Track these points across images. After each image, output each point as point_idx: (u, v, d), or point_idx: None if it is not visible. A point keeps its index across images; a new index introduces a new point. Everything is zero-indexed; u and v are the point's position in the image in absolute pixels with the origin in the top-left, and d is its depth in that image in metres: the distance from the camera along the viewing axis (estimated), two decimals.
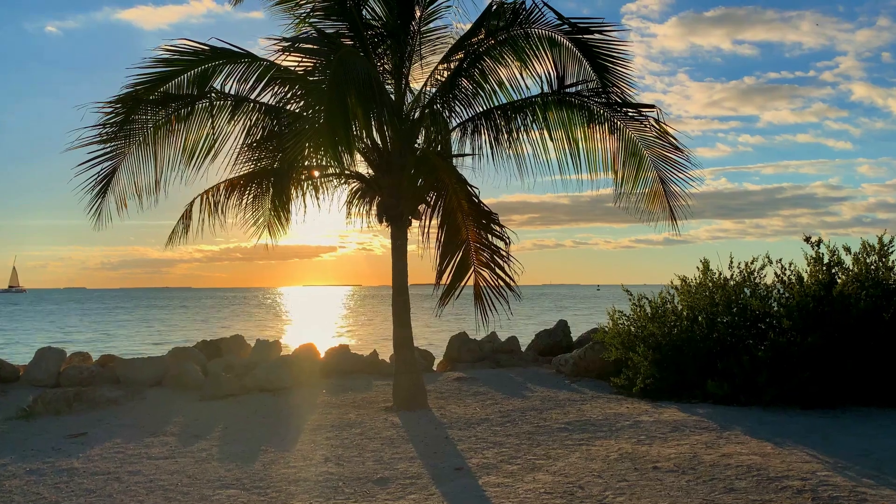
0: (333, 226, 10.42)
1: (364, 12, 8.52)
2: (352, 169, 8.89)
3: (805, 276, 8.79)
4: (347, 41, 8.27)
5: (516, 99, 8.58)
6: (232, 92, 7.91)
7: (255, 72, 7.41)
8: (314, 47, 7.70)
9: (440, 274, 8.40)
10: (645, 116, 8.03)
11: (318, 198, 9.31)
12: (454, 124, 8.74)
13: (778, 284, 9.03)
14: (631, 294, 10.21)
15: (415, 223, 8.75)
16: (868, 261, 8.69)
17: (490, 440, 6.82)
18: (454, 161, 8.72)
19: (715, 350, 8.69)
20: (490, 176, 8.80)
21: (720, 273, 9.42)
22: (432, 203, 8.70)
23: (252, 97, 8.01)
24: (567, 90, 8.24)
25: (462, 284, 8.41)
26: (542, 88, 8.36)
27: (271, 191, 9.12)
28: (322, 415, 8.15)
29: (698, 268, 9.69)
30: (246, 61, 7.48)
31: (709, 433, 6.81)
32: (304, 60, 7.49)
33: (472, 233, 8.22)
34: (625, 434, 6.90)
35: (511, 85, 8.50)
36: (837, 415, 7.63)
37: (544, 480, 5.41)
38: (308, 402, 8.91)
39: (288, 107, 8.04)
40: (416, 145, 8.61)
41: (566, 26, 7.74)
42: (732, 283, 9.20)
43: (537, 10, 7.77)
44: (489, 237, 8.27)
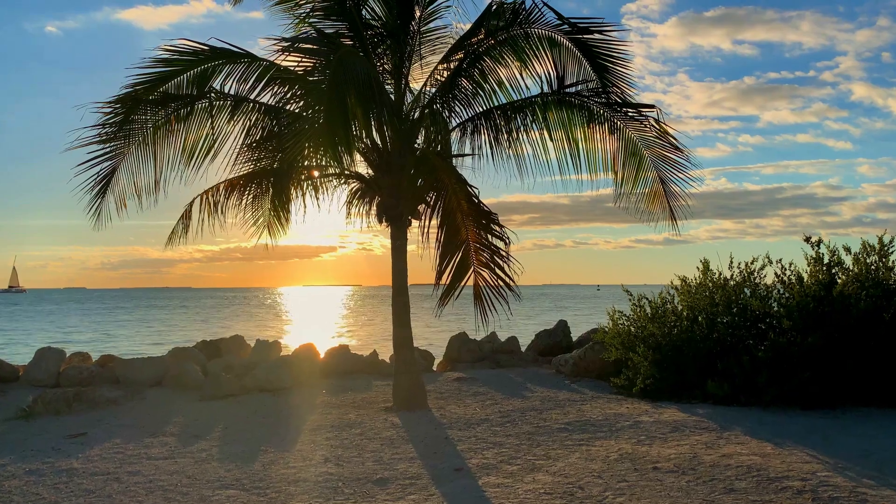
0: (333, 226, 10.41)
1: (364, 12, 8.52)
2: (351, 169, 8.89)
3: (805, 277, 8.78)
4: (347, 41, 8.26)
5: (516, 99, 8.58)
6: (231, 92, 7.90)
7: (255, 72, 7.39)
8: (314, 47, 7.69)
9: (440, 274, 8.40)
10: (645, 116, 8.03)
11: (318, 198, 9.32)
12: (454, 124, 8.74)
13: (778, 284, 9.02)
14: (631, 294, 10.20)
15: (414, 223, 8.75)
16: (868, 261, 8.69)
17: (490, 440, 6.81)
18: (454, 161, 8.71)
19: (715, 350, 8.69)
20: (490, 176, 8.81)
21: (720, 273, 9.42)
22: (432, 203, 8.70)
23: (252, 97, 8.01)
24: (567, 90, 8.24)
25: (462, 284, 8.42)
26: (542, 88, 8.36)
27: (271, 191, 9.12)
28: (322, 415, 8.14)
29: (698, 268, 9.69)
30: (245, 61, 7.47)
31: (709, 433, 6.81)
32: (304, 60, 7.49)
33: (472, 233, 8.22)
34: (625, 434, 6.89)
35: (511, 85, 8.51)
36: (838, 415, 7.62)
37: (544, 481, 5.40)
38: (308, 403, 8.91)
39: (287, 107, 8.04)
40: (416, 145, 8.61)
41: (566, 26, 7.74)
42: (732, 284, 9.19)
43: (537, 10, 7.77)
44: (489, 237, 8.27)
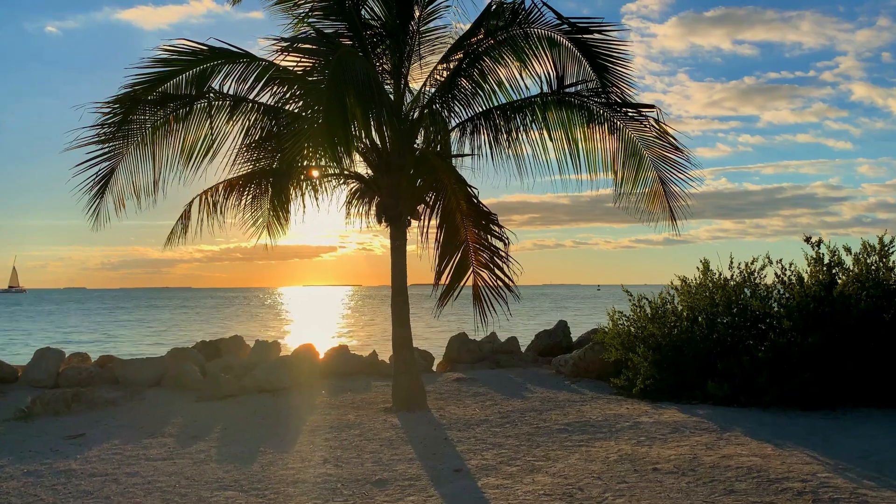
0: (333, 226, 10.41)
1: (363, 12, 8.50)
2: (351, 169, 8.88)
3: (805, 277, 8.77)
4: (346, 41, 8.25)
5: (516, 99, 8.56)
6: (230, 92, 7.88)
7: (254, 72, 7.38)
8: (313, 47, 7.69)
9: (439, 274, 8.40)
10: (645, 116, 8.02)
11: (318, 198, 9.30)
12: (453, 124, 8.73)
13: (778, 285, 9.01)
14: (631, 294, 10.19)
15: (414, 223, 8.74)
16: (868, 261, 8.68)
17: (489, 441, 6.80)
18: (453, 161, 8.70)
19: (715, 351, 8.67)
20: (489, 176, 8.79)
21: (720, 273, 9.40)
22: (431, 203, 8.69)
23: (251, 97, 7.99)
24: (566, 90, 8.22)
25: (461, 285, 8.41)
26: (542, 88, 8.34)
27: (270, 191, 9.11)
28: (321, 416, 8.13)
29: (698, 268, 9.68)
30: (244, 61, 7.45)
31: (709, 434, 6.79)
32: (303, 60, 7.48)
33: (471, 233, 8.22)
34: (625, 435, 6.88)
35: (510, 85, 8.49)
36: (838, 416, 7.61)
37: (543, 482, 5.39)
38: (307, 403, 8.89)
39: (286, 107, 8.02)
40: (416, 145, 8.59)
41: (566, 26, 7.73)
42: (732, 284, 9.18)
43: (536, 10, 7.76)
44: (488, 238, 8.27)
